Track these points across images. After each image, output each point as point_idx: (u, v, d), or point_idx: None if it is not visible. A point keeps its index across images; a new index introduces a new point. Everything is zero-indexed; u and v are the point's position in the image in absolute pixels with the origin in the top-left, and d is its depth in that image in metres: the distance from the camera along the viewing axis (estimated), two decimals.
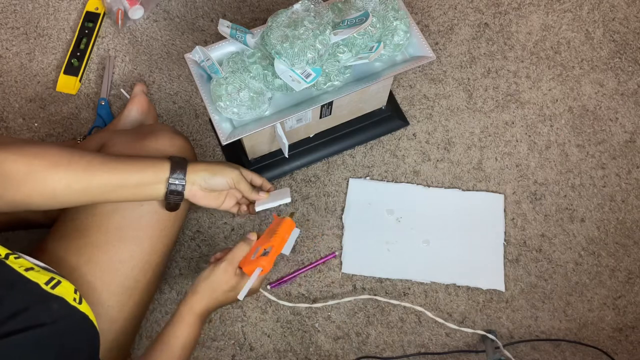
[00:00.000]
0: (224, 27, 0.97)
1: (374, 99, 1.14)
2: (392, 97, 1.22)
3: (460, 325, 1.09)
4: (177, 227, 0.94)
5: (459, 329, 1.08)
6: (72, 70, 1.25)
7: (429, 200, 1.18)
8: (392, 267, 1.13)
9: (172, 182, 0.82)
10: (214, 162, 0.88)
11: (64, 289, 0.68)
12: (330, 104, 1.05)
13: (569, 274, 1.14)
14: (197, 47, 0.96)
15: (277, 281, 1.11)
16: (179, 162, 0.83)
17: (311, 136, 1.17)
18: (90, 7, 1.31)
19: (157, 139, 0.91)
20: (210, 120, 1.22)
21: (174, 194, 0.83)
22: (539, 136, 1.24)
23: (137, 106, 1.15)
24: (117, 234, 0.86)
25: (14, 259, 0.67)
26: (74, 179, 0.76)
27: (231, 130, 0.96)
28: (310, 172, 1.20)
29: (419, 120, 1.24)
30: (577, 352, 1.09)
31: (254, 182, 0.94)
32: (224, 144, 0.94)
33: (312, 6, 0.93)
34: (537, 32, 1.33)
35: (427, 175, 1.20)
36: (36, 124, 1.23)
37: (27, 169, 0.73)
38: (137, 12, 1.30)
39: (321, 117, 1.09)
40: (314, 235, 1.15)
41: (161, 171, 0.82)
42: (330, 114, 1.10)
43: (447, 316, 1.10)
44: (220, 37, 1.00)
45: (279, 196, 0.94)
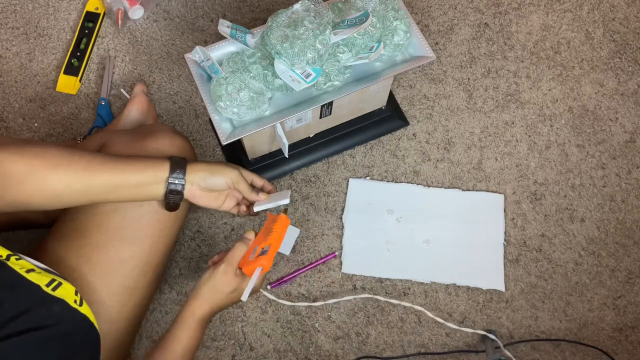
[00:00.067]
0: (224, 27, 0.96)
1: (374, 99, 1.14)
2: (392, 97, 1.22)
3: (460, 325, 1.09)
4: (177, 227, 0.94)
5: (459, 329, 1.08)
6: (72, 70, 1.25)
7: (429, 200, 1.18)
8: (392, 267, 1.13)
9: (171, 181, 0.82)
10: (213, 162, 0.88)
11: (65, 291, 0.68)
12: (330, 104, 1.05)
13: (569, 274, 1.14)
14: (197, 47, 0.96)
15: (277, 281, 1.11)
16: (178, 161, 0.83)
17: (311, 136, 1.17)
18: (90, 7, 1.31)
19: (157, 139, 0.91)
20: (210, 120, 1.22)
21: (174, 194, 0.83)
22: (539, 136, 1.24)
23: (137, 106, 1.15)
24: (117, 234, 0.86)
25: (15, 260, 0.67)
26: (74, 179, 0.76)
27: (231, 130, 0.96)
28: (310, 172, 1.20)
29: (419, 120, 1.24)
30: (577, 352, 1.09)
31: (254, 184, 0.94)
32: (224, 144, 0.94)
33: (312, 6, 0.93)
34: (537, 32, 1.33)
35: (427, 175, 1.20)
36: (36, 124, 1.23)
37: (27, 169, 0.73)
38: (137, 12, 1.30)
39: (321, 117, 1.09)
40: (314, 235, 1.15)
41: (161, 171, 0.82)
42: (330, 114, 1.10)
43: (447, 316, 1.10)
44: (220, 37, 1.00)
45: (279, 197, 0.94)
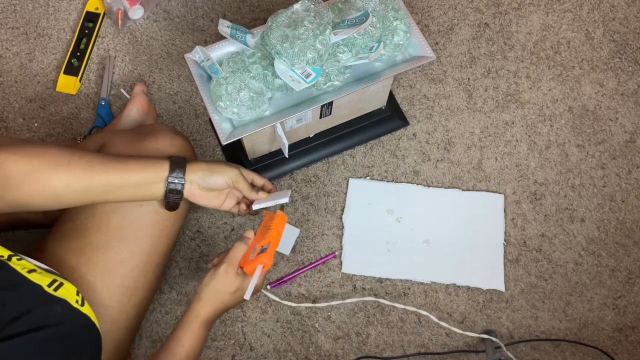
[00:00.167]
0: (224, 27, 0.96)
1: (374, 99, 1.14)
2: (392, 97, 1.22)
3: (460, 325, 1.09)
4: (177, 227, 0.94)
5: (462, 333, 1.08)
6: (72, 70, 1.25)
7: (429, 200, 1.18)
8: (392, 267, 1.13)
9: (171, 180, 0.82)
10: (213, 162, 0.88)
11: (66, 291, 0.68)
12: (330, 104, 1.05)
13: (569, 274, 1.14)
14: (197, 47, 0.96)
15: (277, 281, 1.11)
16: (178, 161, 0.83)
17: (311, 136, 1.17)
18: (90, 7, 1.31)
19: (157, 139, 0.91)
20: (210, 120, 1.22)
21: (174, 193, 0.83)
22: (539, 136, 1.24)
23: (137, 106, 1.15)
24: (117, 234, 0.86)
25: (17, 260, 0.67)
26: (74, 179, 0.76)
27: (231, 130, 0.96)
28: (310, 172, 1.20)
29: (419, 120, 1.24)
30: (577, 352, 1.09)
31: (255, 183, 0.93)
32: (224, 144, 0.94)
33: (312, 6, 0.93)
34: (537, 32, 1.33)
35: (427, 175, 1.20)
36: (36, 124, 1.23)
37: (27, 169, 0.73)
38: (137, 12, 1.30)
39: (321, 117, 1.09)
40: (314, 235, 1.15)
41: (161, 170, 0.82)
42: (330, 114, 1.10)
43: (447, 316, 1.10)
44: (220, 37, 1.00)
45: (279, 196, 0.94)
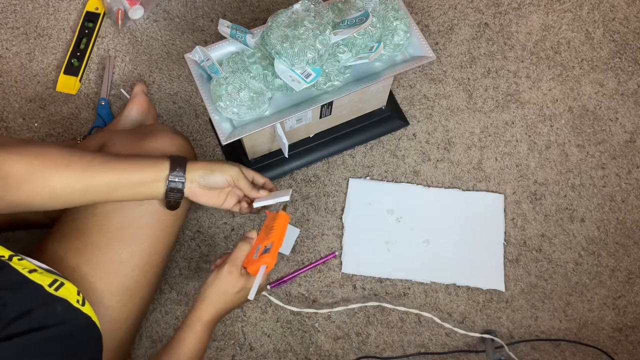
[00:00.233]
0: (224, 27, 0.96)
1: (374, 99, 1.14)
2: (392, 97, 1.22)
3: (460, 325, 1.09)
4: (178, 227, 0.94)
5: (462, 333, 1.08)
6: (72, 70, 1.25)
7: (429, 200, 1.18)
8: (392, 267, 1.13)
9: (171, 179, 0.82)
10: (213, 161, 0.88)
11: (67, 291, 0.68)
12: (330, 104, 1.05)
13: (569, 274, 1.14)
14: (197, 47, 0.96)
15: (277, 281, 1.11)
16: (178, 160, 0.83)
17: (311, 136, 1.17)
18: (90, 7, 1.31)
19: (157, 138, 0.91)
20: (210, 120, 1.22)
21: (174, 192, 0.83)
22: (539, 136, 1.24)
23: (137, 106, 1.15)
24: (118, 234, 0.86)
25: (17, 260, 0.67)
26: (74, 179, 0.76)
27: (231, 130, 0.96)
28: (310, 172, 1.20)
29: (419, 120, 1.24)
30: (577, 352, 1.09)
31: (255, 182, 0.93)
32: (224, 144, 0.94)
33: (312, 6, 0.93)
34: (537, 32, 1.33)
35: (427, 175, 1.20)
36: (36, 124, 1.23)
37: (27, 169, 0.73)
38: (137, 12, 1.30)
39: (321, 117, 1.09)
40: (314, 235, 1.15)
41: (161, 169, 0.82)
42: (330, 114, 1.10)
43: (447, 316, 1.10)
44: (220, 37, 1.00)
45: (279, 195, 0.94)
